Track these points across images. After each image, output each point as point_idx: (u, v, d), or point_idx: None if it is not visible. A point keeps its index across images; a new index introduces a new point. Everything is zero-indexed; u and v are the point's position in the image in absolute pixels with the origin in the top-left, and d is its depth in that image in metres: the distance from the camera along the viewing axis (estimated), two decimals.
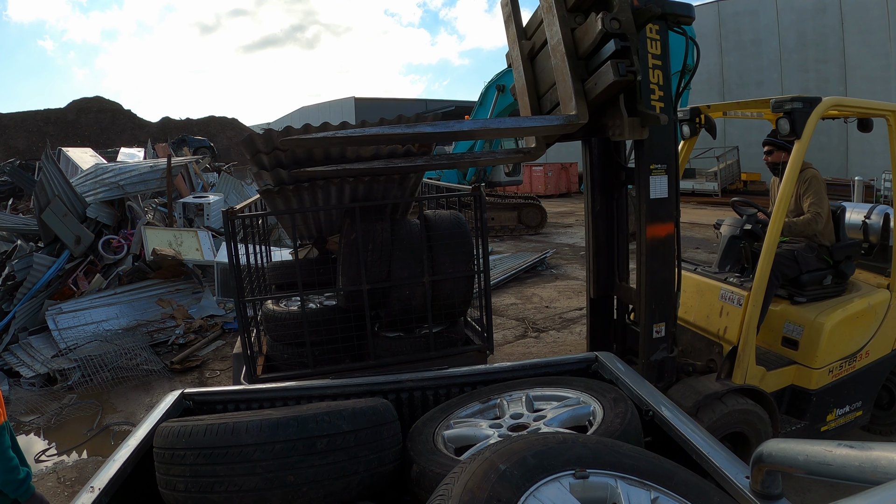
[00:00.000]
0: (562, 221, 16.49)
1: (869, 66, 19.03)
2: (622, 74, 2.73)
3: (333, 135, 2.71)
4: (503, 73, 12.81)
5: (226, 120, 39.02)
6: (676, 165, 3.37)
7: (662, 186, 3.28)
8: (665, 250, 3.32)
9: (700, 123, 4.10)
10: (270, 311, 3.79)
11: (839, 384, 3.73)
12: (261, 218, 4.65)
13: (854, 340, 3.76)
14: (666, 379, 3.42)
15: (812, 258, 3.82)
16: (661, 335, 3.36)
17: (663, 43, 3.17)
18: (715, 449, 1.55)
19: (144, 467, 1.74)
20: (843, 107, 3.70)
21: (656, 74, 3.16)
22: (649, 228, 3.28)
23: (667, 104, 3.20)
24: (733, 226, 4.08)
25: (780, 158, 3.91)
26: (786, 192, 3.38)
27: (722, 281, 3.78)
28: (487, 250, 3.74)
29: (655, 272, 3.30)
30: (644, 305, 3.32)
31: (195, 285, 8.06)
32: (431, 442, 1.82)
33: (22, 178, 14.04)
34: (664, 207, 3.29)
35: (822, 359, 3.62)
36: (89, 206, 8.62)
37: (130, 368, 6.13)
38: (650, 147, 3.22)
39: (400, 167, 3.26)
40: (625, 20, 2.76)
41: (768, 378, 3.61)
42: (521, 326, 7.30)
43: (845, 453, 0.94)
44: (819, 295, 3.83)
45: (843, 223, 4.00)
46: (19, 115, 33.38)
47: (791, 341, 3.75)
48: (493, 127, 3.31)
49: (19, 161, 19.06)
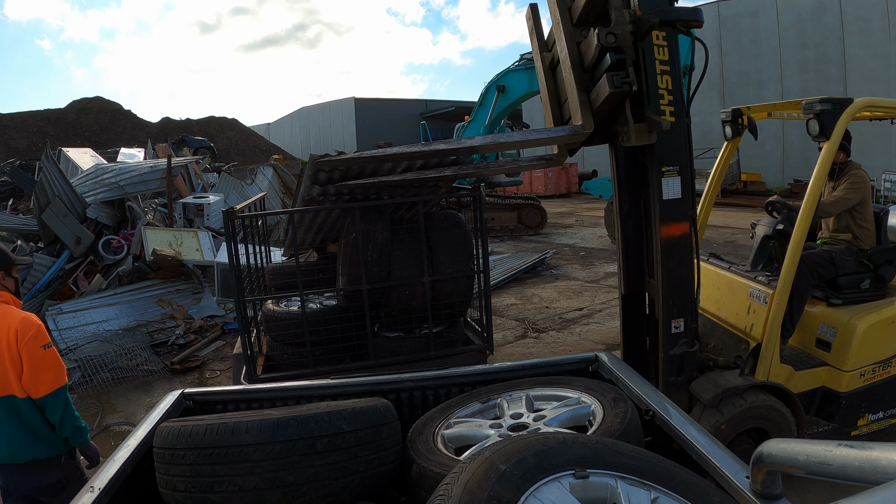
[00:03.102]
0: (562, 222, 16.49)
1: (869, 67, 19.02)
2: (617, 86, 2.90)
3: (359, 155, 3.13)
4: (503, 73, 12.80)
5: (226, 120, 39.01)
6: (690, 166, 3.42)
7: (675, 188, 3.37)
8: (681, 248, 3.42)
9: (743, 125, 4.12)
10: (270, 311, 3.79)
11: (872, 389, 3.69)
12: (261, 218, 4.66)
13: (890, 345, 3.71)
14: (686, 373, 3.48)
15: (850, 261, 3.78)
16: (680, 330, 3.46)
17: (671, 49, 3.24)
18: (715, 449, 1.55)
19: (144, 467, 1.74)
20: (877, 107, 3.70)
21: (665, 80, 3.24)
22: (663, 228, 3.39)
23: (677, 108, 3.28)
24: (767, 226, 4.12)
25: (838, 158, 3.86)
26: (813, 191, 3.41)
27: (752, 279, 3.82)
28: (487, 250, 3.75)
29: (672, 270, 3.42)
30: (662, 302, 3.44)
31: (195, 285, 8.06)
32: (431, 442, 1.82)
33: (22, 178, 14.04)
34: (678, 208, 3.38)
35: (854, 362, 3.59)
36: (89, 207, 8.62)
37: (130, 369, 6.13)
38: (661, 150, 3.33)
39: (429, 177, 3.49)
40: (621, 34, 2.92)
41: (797, 378, 3.62)
42: (521, 327, 7.30)
43: (845, 453, 0.94)
44: (857, 298, 3.79)
45: (885, 226, 3.92)
46: (19, 115, 33.39)
47: (824, 343, 3.74)
48: (502, 141, 3.49)
49: (19, 161, 19.06)
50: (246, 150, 34.98)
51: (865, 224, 3.87)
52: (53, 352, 2.65)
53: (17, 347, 2.56)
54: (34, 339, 2.57)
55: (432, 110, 38.86)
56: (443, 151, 3.26)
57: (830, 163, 3.44)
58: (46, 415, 2.64)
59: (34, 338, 2.57)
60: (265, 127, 53.18)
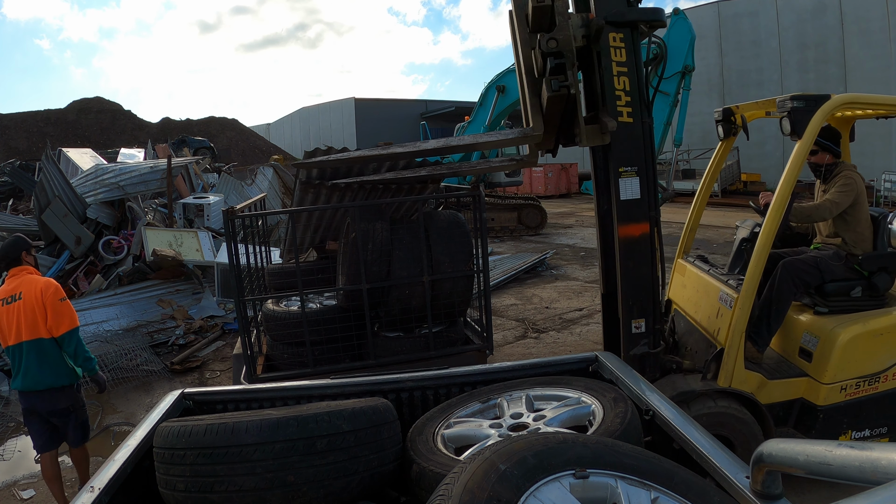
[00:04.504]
0: (562, 222, 16.49)
1: (869, 67, 19.03)
2: (555, 90, 3.01)
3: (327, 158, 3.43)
4: (503, 73, 12.81)
5: (226, 120, 39.00)
6: (650, 167, 3.42)
7: (633, 188, 3.40)
8: (640, 249, 3.43)
9: (738, 124, 3.99)
10: (270, 311, 3.79)
11: (856, 404, 3.44)
12: (261, 218, 4.66)
13: (877, 359, 3.42)
14: (647, 374, 3.42)
15: (839, 267, 3.55)
16: (641, 331, 3.48)
17: (630, 50, 3.28)
18: (715, 449, 1.55)
19: (144, 467, 1.74)
20: (859, 104, 3.52)
21: (622, 81, 3.29)
22: (621, 228, 3.42)
23: (635, 109, 3.32)
24: (747, 228, 3.99)
25: (824, 160, 3.67)
26: (782, 193, 3.29)
27: (723, 282, 3.69)
28: (487, 250, 3.76)
29: (630, 270, 3.45)
30: (621, 301, 3.46)
31: (195, 286, 8.06)
32: (431, 442, 1.82)
33: (22, 178, 14.05)
34: (637, 208, 3.41)
35: (833, 374, 3.37)
36: (89, 207, 8.63)
37: (131, 369, 6.13)
38: (618, 151, 3.38)
39: (405, 178, 3.68)
40: (562, 39, 3.01)
41: (771, 387, 3.46)
42: (521, 327, 7.30)
43: (845, 453, 0.94)
44: (847, 307, 3.54)
45: (882, 230, 3.64)
46: (19, 115, 33.38)
47: (807, 352, 3.53)
48: (454, 144, 3.64)
49: (19, 161, 19.04)
50: (246, 151, 34.97)
51: (859, 228, 3.61)
52: (68, 303, 3.66)
53: (43, 300, 3.55)
54: (55, 294, 3.60)
55: (432, 110, 38.85)
56: (400, 154, 3.48)
57: (801, 164, 3.27)
58: (64, 348, 3.61)
59: (55, 293, 3.60)
60: (265, 127, 53.17)
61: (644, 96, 3.37)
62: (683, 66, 9.11)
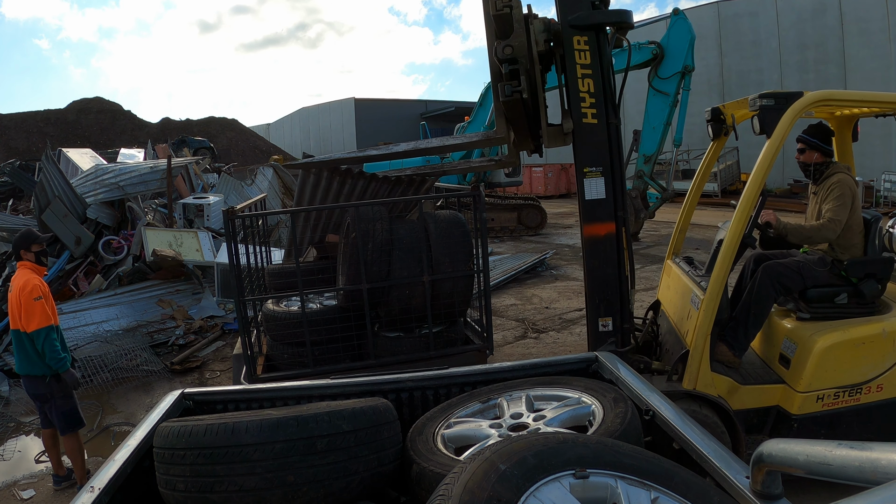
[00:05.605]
0: (562, 222, 16.50)
1: (869, 67, 19.02)
2: (507, 95, 3.12)
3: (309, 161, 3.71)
4: None
5: (226, 121, 39.00)
6: (617, 167, 3.46)
7: (598, 188, 3.47)
8: (605, 248, 3.48)
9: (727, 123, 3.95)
10: (270, 311, 3.79)
11: (835, 415, 3.30)
12: (261, 218, 4.66)
13: (859, 370, 3.27)
14: None
15: (822, 272, 3.44)
16: (609, 329, 3.54)
17: (594, 52, 3.34)
18: (715, 449, 1.55)
19: (144, 467, 1.74)
20: (834, 101, 3.42)
21: (586, 83, 3.35)
22: (586, 228, 3.49)
23: (600, 110, 3.38)
24: (727, 229, 3.97)
25: (812, 159, 3.56)
26: (749, 193, 3.22)
27: (696, 284, 3.61)
28: (487, 250, 3.77)
29: (595, 269, 3.52)
30: (588, 300, 3.55)
31: (195, 286, 8.06)
32: (431, 442, 1.82)
33: (22, 178, 14.05)
34: (602, 208, 3.48)
35: (809, 382, 3.24)
36: (89, 207, 8.62)
37: (130, 369, 6.13)
38: (582, 151, 3.46)
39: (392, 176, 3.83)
40: (517, 45, 3.12)
41: (743, 392, 3.37)
42: (520, 327, 7.30)
43: (845, 453, 0.94)
44: (831, 314, 3.42)
45: (873, 235, 3.51)
46: (19, 115, 33.37)
47: (786, 359, 3.42)
48: (423, 147, 3.81)
49: (19, 162, 19.03)
50: (246, 151, 34.97)
51: (849, 234, 3.46)
52: (42, 303, 3.83)
53: (19, 297, 3.81)
54: (30, 293, 3.80)
55: (432, 111, 38.87)
56: (374, 157, 3.69)
57: (769, 164, 3.18)
58: (36, 346, 3.82)
59: (30, 292, 3.80)
60: (265, 127, 53.18)
61: (611, 97, 3.42)
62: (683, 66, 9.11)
